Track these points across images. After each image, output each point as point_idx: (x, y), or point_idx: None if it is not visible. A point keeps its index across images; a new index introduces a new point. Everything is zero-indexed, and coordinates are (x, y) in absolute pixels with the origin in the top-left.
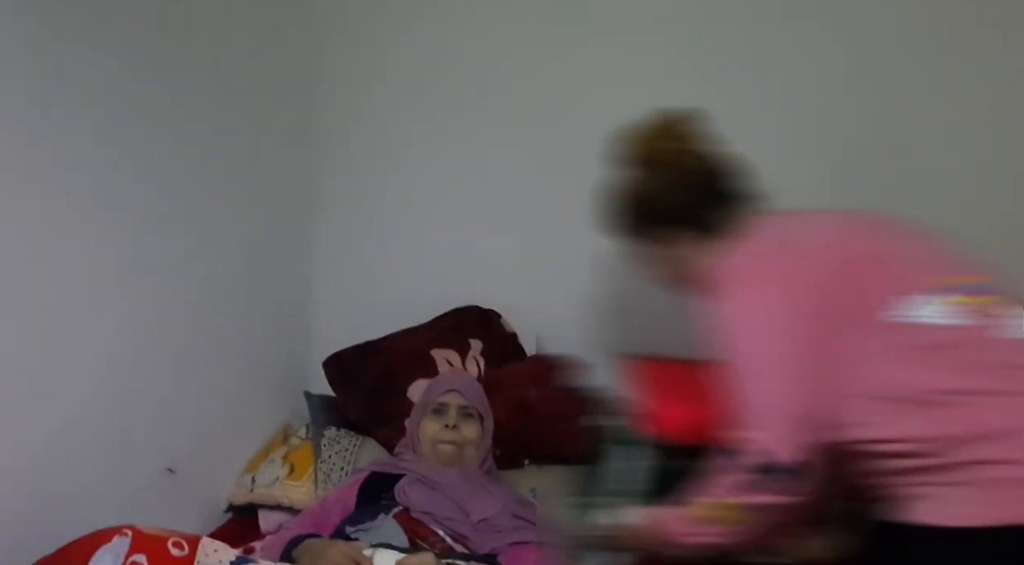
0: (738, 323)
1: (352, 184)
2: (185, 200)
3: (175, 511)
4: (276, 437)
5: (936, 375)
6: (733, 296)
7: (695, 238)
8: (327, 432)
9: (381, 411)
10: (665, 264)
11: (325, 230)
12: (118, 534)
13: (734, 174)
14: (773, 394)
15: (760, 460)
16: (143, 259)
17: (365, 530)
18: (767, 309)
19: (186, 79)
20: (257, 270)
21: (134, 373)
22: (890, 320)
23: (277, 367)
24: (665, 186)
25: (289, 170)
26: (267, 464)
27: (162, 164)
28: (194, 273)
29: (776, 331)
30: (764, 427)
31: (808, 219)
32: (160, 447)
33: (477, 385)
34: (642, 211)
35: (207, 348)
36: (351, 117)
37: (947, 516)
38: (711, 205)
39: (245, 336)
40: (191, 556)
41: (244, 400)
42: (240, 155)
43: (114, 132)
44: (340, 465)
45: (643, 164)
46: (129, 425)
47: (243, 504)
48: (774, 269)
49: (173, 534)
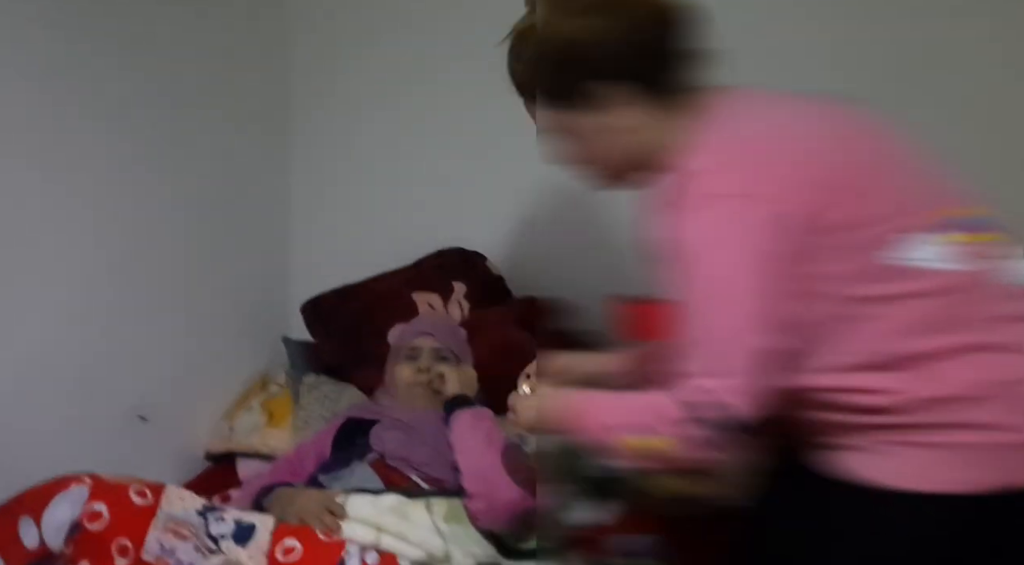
0: (698, 244)
1: (331, 122)
2: (159, 137)
3: (149, 459)
4: (255, 384)
5: (923, 332)
6: (693, 209)
7: (641, 104)
8: (306, 378)
9: (360, 356)
10: (598, 139)
11: (304, 169)
12: (76, 482)
13: (693, 28)
14: (735, 334)
15: (714, 414)
16: (112, 190)
17: (338, 478)
18: (735, 227)
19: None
20: (235, 211)
21: (100, 313)
22: (885, 262)
23: (255, 312)
24: (604, 26)
25: (266, 110)
26: (246, 412)
27: (136, 101)
28: (168, 210)
29: (746, 257)
30: (722, 373)
31: (787, 107)
32: (130, 393)
33: (453, 327)
34: (572, 61)
35: (181, 292)
36: (328, 56)
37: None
38: (663, 61)
39: (221, 279)
40: (154, 504)
41: (221, 346)
42: (216, 93)
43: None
44: (319, 411)
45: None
46: (95, 368)
47: (221, 452)
48: (748, 176)
49: (135, 482)
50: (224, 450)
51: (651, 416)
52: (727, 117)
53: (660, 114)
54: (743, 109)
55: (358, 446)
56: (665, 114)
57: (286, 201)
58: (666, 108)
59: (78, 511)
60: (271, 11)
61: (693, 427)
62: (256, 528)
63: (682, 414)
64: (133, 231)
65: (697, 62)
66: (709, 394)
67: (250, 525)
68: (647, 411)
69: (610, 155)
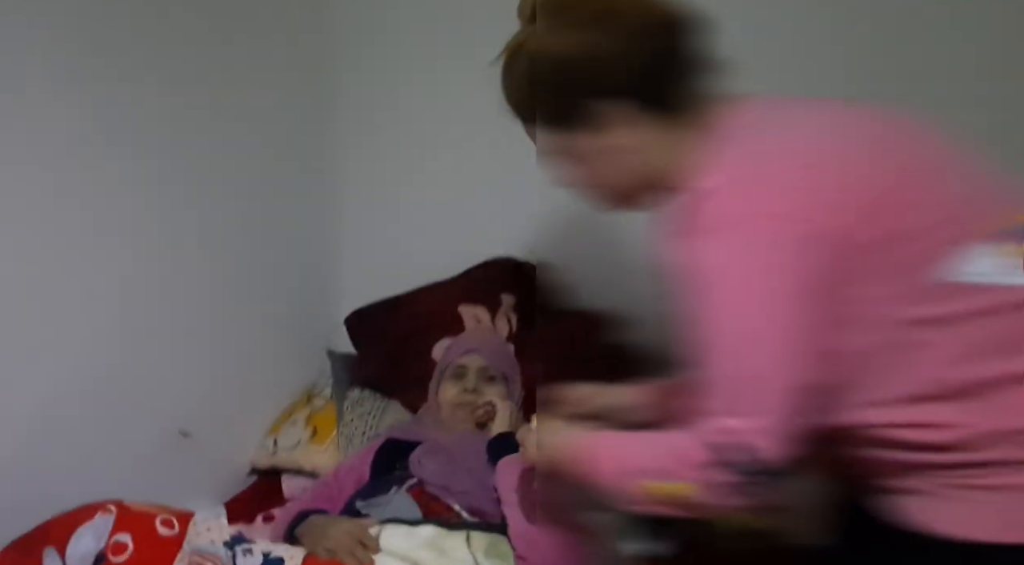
0: (715, 270)
1: (376, 131)
2: (200, 147)
3: (193, 475)
4: (300, 397)
5: (984, 356)
6: (708, 232)
7: (644, 121)
8: (351, 393)
9: (405, 371)
10: (601, 161)
11: (349, 179)
12: (101, 510)
13: (697, 36)
14: (760, 369)
15: (741, 457)
16: (153, 206)
17: (376, 505)
18: (757, 251)
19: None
20: (279, 222)
21: (143, 327)
22: (936, 280)
23: (301, 323)
24: (598, 41)
25: (311, 118)
26: (289, 426)
27: (175, 111)
28: (212, 222)
29: (770, 284)
30: (747, 412)
31: (810, 114)
32: (174, 407)
33: (502, 345)
34: (567, 80)
35: (225, 305)
36: (374, 64)
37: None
38: (665, 74)
39: (266, 291)
40: (181, 534)
41: (266, 358)
42: (259, 103)
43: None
44: (362, 429)
45: (574, 9)
46: (138, 383)
47: (266, 467)
48: (768, 194)
49: (162, 510)
50: (268, 466)
51: (673, 460)
52: (742, 129)
53: (666, 131)
54: (759, 119)
55: (397, 470)
56: (672, 131)
57: (331, 212)
58: (673, 124)
59: (102, 543)
60: (312, 19)
61: (718, 472)
62: (284, 562)
63: (707, 457)
64: (177, 242)
65: (703, 72)
66: (734, 435)
67: (278, 559)
68: (668, 454)
69: (616, 177)
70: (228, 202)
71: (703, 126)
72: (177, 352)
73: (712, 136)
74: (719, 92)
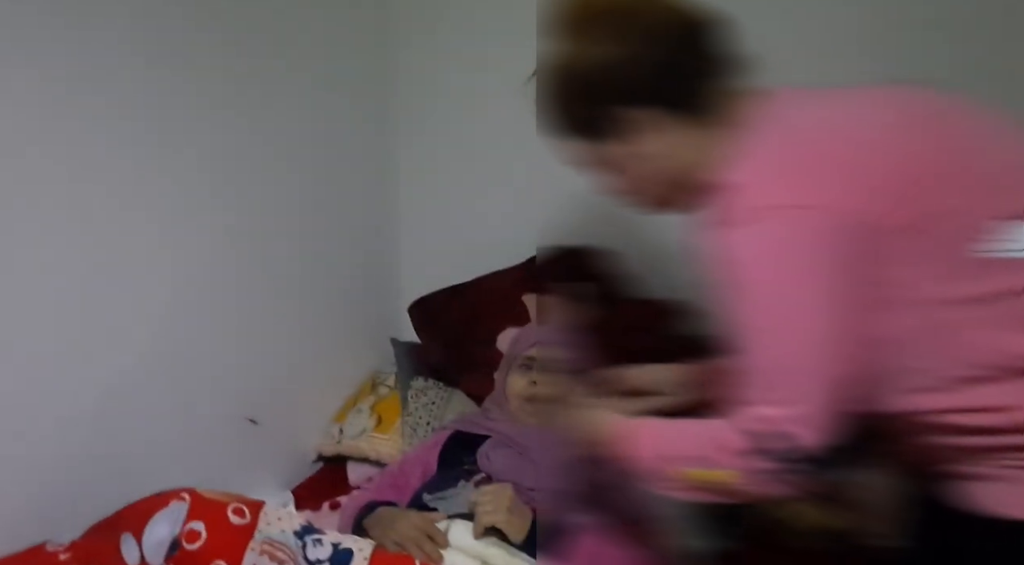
0: (749, 261)
1: (439, 118)
2: (268, 141)
3: (260, 462)
4: (364, 385)
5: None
6: (741, 224)
7: (671, 125)
8: (414, 383)
9: (468, 360)
10: (635, 168)
11: (412, 167)
12: (176, 498)
13: (715, 35)
14: (796, 358)
15: (779, 445)
16: (219, 195)
17: (443, 498)
18: (789, 240)
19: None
20: (344, 210)
21: (210, 316)
22: (977, 256)
23: (365, 311)
24: (626, 52)
25: (373, 108)
26: (355, 414)
27: (239, 101)
28: (277, 211)
29: (804, 273)
30: (784, 401)
31: (837, 101)
32: (241, 395)
33: (570, 335)
34: (592, 91)
35: (290, 293)
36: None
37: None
38: (687, 77)
39: (331, 278)
40: (252, 523)
41: (331, 346)
42: (322, 92)
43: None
44: (426, 419)
45: (593, 22)
46: (205, 371)
47: (331, 455)
48: (798, 183)
49: (234, 499)
50: (334, 453)
51: (712, 447)
52: (769, 122)
53: (694, 131)
54: (786, 111)
55: (465, 463)
56: (699, 130)
57: (395, 199)
58: (700, 124)
59: (177, 529)
60: (374, 8)
61: (757, 459)
62: (353, 554)
63: (745, 445)
64: (242, 232)
65: (727, 72)
66: (771, 424)
67: (347, 550)
68: (708, 441)
69: (651, 182)
70: (294, 193)
71: (731, 122)
72: (245, 340)
73: (740, 130)
74: (744, 88)
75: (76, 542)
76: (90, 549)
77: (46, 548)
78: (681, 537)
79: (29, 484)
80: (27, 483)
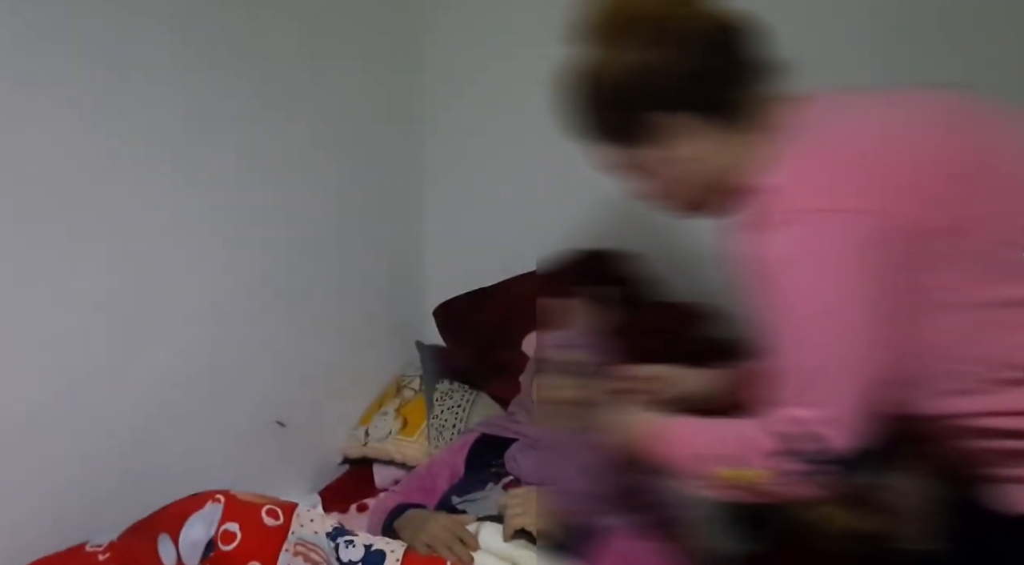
0: (784, 264)
1: (465, 121)
2: (296, 147)
3: (287, 464)
4: (389, 388)
5: None
6: (777, 227)
7: (705, 129)
8: (439, 386)
9: (494, 364)
10: (669, 172)
11: (438, 170)
12: (211, 500)
13: (754, 40)
14: (829, 360)
15: (809, 446)
16: (245, 203)
17: (472, 501)
18: (827, 244)
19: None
20: (369, 213)
21: (237, 319)
22: (1018, 261)
23: (390, 314)
24: (660, 57)
25: (399, 112)
26: (380, 416)
27: (266, 105)
28: (303, 215)
29: (839, 276)
30: (815, 403)
31: (875, 106)
32: (268, 398)
33: (595, 338)
34: (626, 96)
35: (316, 296)
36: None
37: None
38: (721, 81)
39: (355, 282)
40: (286, 525)
41: (356, 349)
42: (346, 96)
43: (210, 69)
44: (452, 422)
45: (626, 27)
46: (233, 374)
47: (357, 457)
48: (836, 186)
49: (268, 501)
50: (360, 456)
51: (743, 447)
52: (806, 125)
53: (728, 135)
54: (823, 113)
55: (493, 466)
56: (733, 134)
57: (420, 203)
58: (734, 127)
59: (212, 530)
60: (404, 15)
61: (787, 460)
62: (385, 555)
63: (775, 446)
64: (269, 236)
65: (761, 76)
66: (802, 425)
67: (379, 552)
68: (739, 441)
69: (685, 186)
70: (321, 200)
71: (766, 127)
72: (273, 345)
73: (776, 135)
74: (778, 92)
75: (114, 543)
76: (128, 549)
77: (86, 548)
78: (710, 539)
79: (72, 486)
80: (71, 486)
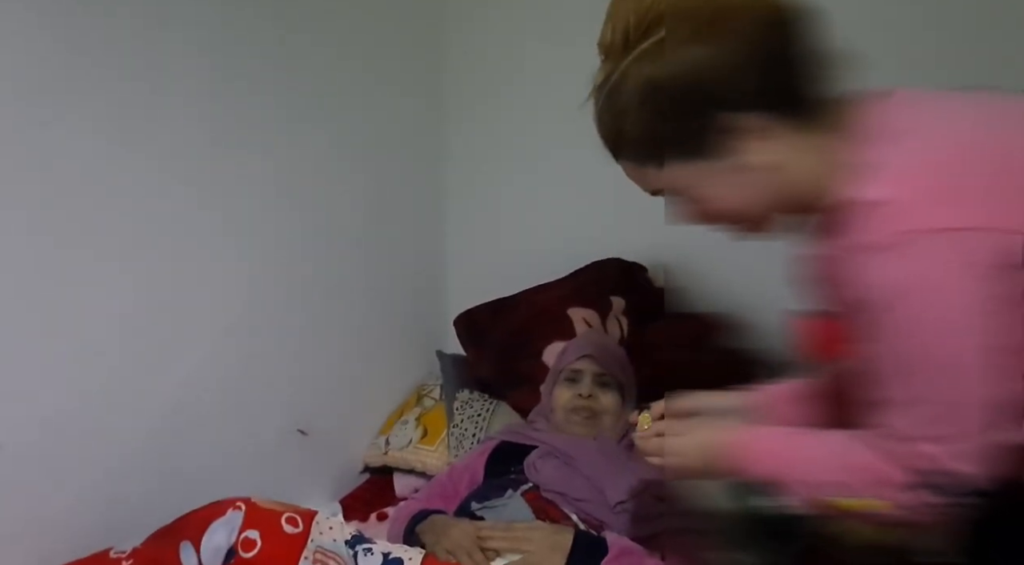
0: (901, 290)
1: (486, 132)
2: (316, 152)
3: (308, 473)
4: (410, 397)
5: None
6: (888, 249)
7: (779, 132)
8: (460, 395)
9: (514, 373)
10: (737, 186)
11: (459, 180)
12: (232, 507)
13: (813, 27)
14: (962, 396)
15: (943, 481)
16: (269, 214)
17: (492, 507)
18: (950, 268)
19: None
20: (391, 223)
21: (260, 329)
22: None
23: (411, 324)
24: (719, 53)
25: (421, 121)
26: (401, 426)
27: (287, 113)
28: (325, 225)
29: (968, 303)
30: (946, 438)
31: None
32: (290, 407)
33: (616, 349)
34: (686, 99)
35: (339, 305)
36: (483, 63)
37: None
38: (793, 74)
39: (377, 292)
40: (305, 533)
41: (378, 358)
42: (368, 106)
43: (237, 89)
44: (472, 431)
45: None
46: (255, 383)
47: (378, 466)
48: (962, 203)
49: (287, 508)
50: (380, 464)
51: (869, 480)
52: (899, 130)
53: (806, 140)
54: (915, 117)
55: (512, 473)
56: (812, 138)
57: (442, 213)
58: (811, 131)
59: (233, 537)
60: (424, 20)
61: (921, 494)
62: (403, 563)
63: (907, 480)
64: (291, 247)
65: (827, 68)
66: (934, 461)
67: (397, 560)
68: (865, 473)
69: (756, 201)
70: (344, 210)
71: (846, 129)
72: (296, 354)
73: (863, 139)
74: (850, 89)
75: (137, 549)
76: (151, 556)
77: (110, 554)
78: (733, 552)
79: (98, 493)
80: (96, 492)
